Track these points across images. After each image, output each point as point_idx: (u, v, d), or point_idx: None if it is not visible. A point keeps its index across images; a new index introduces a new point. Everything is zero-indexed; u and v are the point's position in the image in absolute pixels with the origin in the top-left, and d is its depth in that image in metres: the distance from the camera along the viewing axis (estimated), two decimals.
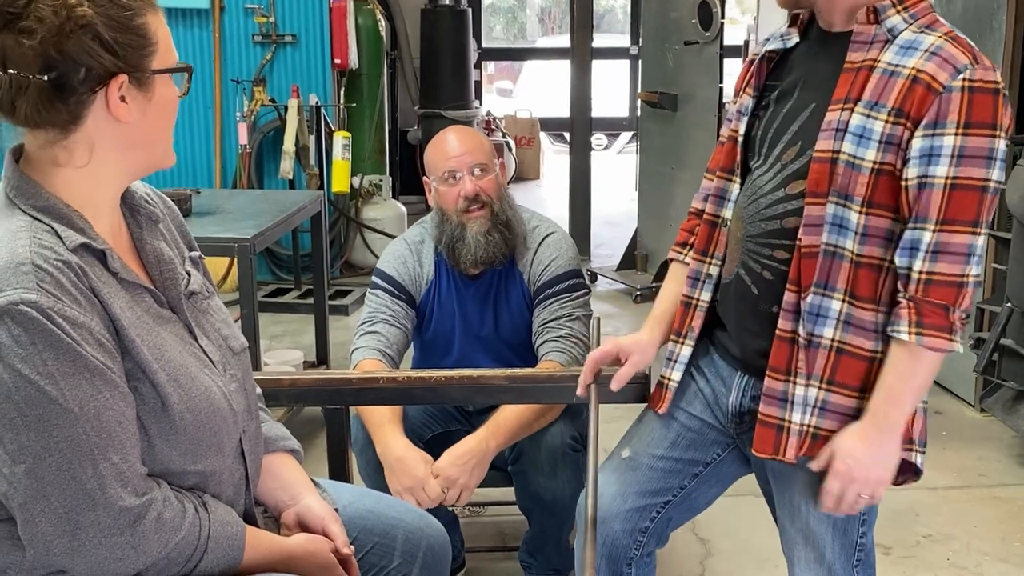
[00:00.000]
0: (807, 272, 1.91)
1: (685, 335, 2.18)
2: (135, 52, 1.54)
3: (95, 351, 1.50)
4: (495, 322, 2.88)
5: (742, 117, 2.09)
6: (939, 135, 1.79)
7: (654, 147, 6.58)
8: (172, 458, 1.60)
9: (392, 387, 2.39)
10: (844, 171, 1.86)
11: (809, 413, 1.95)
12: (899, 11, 1.88)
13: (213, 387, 1.66)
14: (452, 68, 8.47)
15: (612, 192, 9.64)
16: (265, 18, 6.42)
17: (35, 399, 1.45)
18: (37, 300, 1.45)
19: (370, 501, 2.06)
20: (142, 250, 1.69)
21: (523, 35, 20.34)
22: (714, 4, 5.73)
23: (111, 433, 1.50)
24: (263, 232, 3.75)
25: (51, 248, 1.51)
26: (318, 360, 4.63)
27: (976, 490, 3.87)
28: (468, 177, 2.77)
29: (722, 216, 2.12)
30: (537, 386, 2.42)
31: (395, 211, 7.06)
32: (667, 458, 2.21)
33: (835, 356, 1.92)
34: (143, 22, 1.55)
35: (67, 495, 1.48)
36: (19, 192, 1.56)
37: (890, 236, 1.87)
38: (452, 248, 2.78)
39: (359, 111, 6.99)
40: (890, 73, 1.84)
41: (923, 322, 1.82)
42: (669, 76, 6.27)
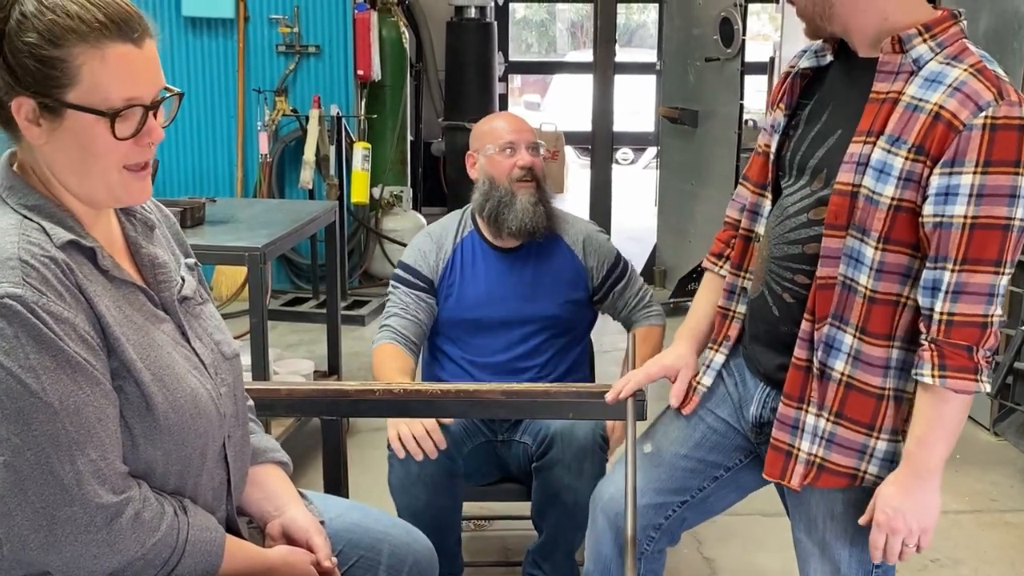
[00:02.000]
0: (822, 303, 1.91)
1: (720, 343, 2.21)
2: (40, 80, 1.51)
3: (78, 347, 1.51)
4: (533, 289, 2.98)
5: (774, 134, 2.07)
6: (956, 173, 1.75)
7: (674, 163, 6.57)
8: (155, 458, 1.61)
9: (388, 399, 2.38)
10: (864, 206, 1.84)
11: (817, 444, 1.95)
12: (926, 40, 1.83)
13: (200, 389, 1.67)
14: (477, 81, 8.46)
15: (635, 207, 9.62)
16: (289, 28, 6.45)
17: (16, 392, 1.46)
18: (22, 294, 1.47)
19: (357, 515, 2.06)
20: (137, 253, 1.71)
21: (553, 49, 20.34)
22: (736, 21, 5.72)
23: (90, 429, 1.51)
24: (274, 241, 3.75)
25: (39, 244, 1.52)
26: (329, 370, 4.63)
27: (987, 515, 3.83)
28: (525, 151, 2.96)
29: (755, 231, 2.12)
30: (534, 401, 2.41)
31: (415, 222, 7.06)
32: (690, 458, 2.22)
33: (844, 390, 1.92)
34: (59, 54, 1.50)
35: (44, 490, 1.49)
36: (11, 191, 1.59)
37: (908, 272, 1.85)
38: (496, 214, 2.91)
39: (381, 122, 7.01)
40: (913, 107, 1.80)
41: (946, 364, 1.79)
42: (690, 92, 6.26)
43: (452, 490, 2.81)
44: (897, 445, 1.93)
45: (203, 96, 6.54)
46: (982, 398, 4.33)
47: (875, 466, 1.94)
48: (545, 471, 2.80)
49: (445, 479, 2.77)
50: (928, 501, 1.87)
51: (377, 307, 6.28)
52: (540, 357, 2.98)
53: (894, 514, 1.86)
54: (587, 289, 3.03)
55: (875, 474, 1.94)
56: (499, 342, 2.97)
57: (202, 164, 6.60)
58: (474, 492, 3.02)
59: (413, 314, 2.93)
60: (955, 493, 3.93)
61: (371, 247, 6.93)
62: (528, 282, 2.99)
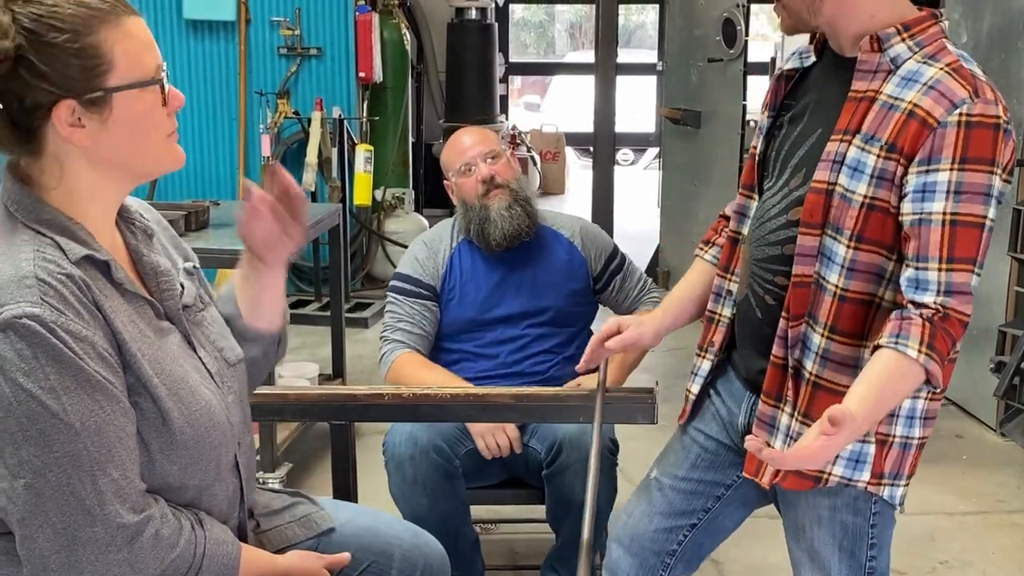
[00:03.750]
0: (797, 302, 1.89)
1: (706, 349, 2.18)
2: (80, 76, 1.50)
3: (97, 365, 1.49)
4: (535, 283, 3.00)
5: (760, 135, 2.06)
6: (933, 171, 1.73)
7: (677, 164, 6.57)
8: (171, 473, 1.60)
9: (398, 404, 2.37)
10: (838, 203, 1.82)
11: (787, 444, 1.93)
12: (904, 39, 1.82)
13: (213, 400, 1.66)
14: (477, 82, 8.46)
15: (636, 208, 9.60)
16: (290, 31, 6.45)
17: (36, 413, 1.45)
18: (40, 314, 1.45)
19: (368, 519, 2.05)
20: (139, 262, 1.69)
21: (552, 50, 20.34)
22: (738, 22, 5.72)
23: (111, 449, 1.50)
24: None
25: (55, 261, 1.51)
26: (334, 373, 4.61)
27: (994, 516, 3.82)
28: (482, 164, 2.97)
29: (742, 233, 2.10)
30: (544, 405, 2.40)
31: (417, 224, 7.05)
32: (688, 479, 2.21)
33: (811, 390, 1.89)
34: (91, 42, 1.50)
35: (66, 511, 1.47)
36: (20, 206, 1.56)
37: (881, 273, 1.82)
38: (481, 231, 2.95)
39: (383, 124, 7.00)
40: (889, 106, 1.79)
41: (934, 345, 1.73)
42: (693, 93, 6.26)
43: (453, 492, 2.80)
44: (864, 446, 1.89)
45: (204, 99, 6.53)
46: (989, 398, 4.32)
47: (840, 467, 1.90)
48: (557, 477, 2.79)
49: (443, 481, 2.76)
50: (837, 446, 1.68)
51: (380, 309, 6.26)
52: (546, 345, 2.99)
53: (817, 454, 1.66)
54: (588, 279, 3.06)
55: (840, 475, 1.91)
56: (506, 335, 2.98)
57: (203, 167, 6.59)
58: (482, 495, 3.01)
59: (419, 325, 2.95)
60: (962, 494, 3.92)
61: (373, 249, 6.92)
62: (529, 277, 3.01)
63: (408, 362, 2.89)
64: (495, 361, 2.98)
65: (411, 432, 2.76)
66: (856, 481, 1.91)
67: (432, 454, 2.73)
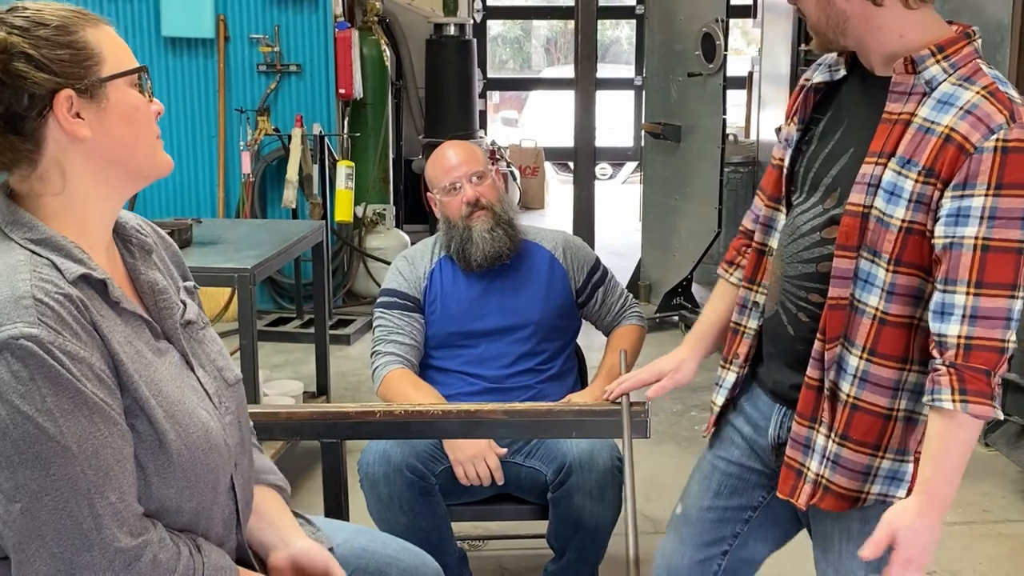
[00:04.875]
0: (833, 323, 1.89)
1: (731, 361, 2.18)
2: (74, 65, 1.53)
3: (95, 387, 1.48)
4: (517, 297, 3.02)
5: (787, 148, 2.06)
6: (968, 196, 1.73)
7: (658, 178, 6.59)
8: (168, 496, 1.58)
9: (389, 421, 2.37)
10: (875, 227, 1.83)
11: (824, 465, 1.94)
12: (939, 60, 1.81)
13: (211, 422, 1.64)
14: (457, 98, 8.47)
15: (616, 222, 9.62)
16: (270, 48, 6.44)
17: (33, 436, 1.43)
18: (38, 334, 1.43)
19: (365, 539, 2.04)
20: (136, 280, 1.68)
21: (528, 65, 20.39)
22: (717, 36, 5.74)
23: (109, 472, 1.48)
24: (263, 263, 3.73)
25: (52, 281, 1.49)
26: (318, 391, 4.60)
27: (981, 526, 3.84)
28: (467, 185, 2.99)
29: (769, 245, 2.11)
30: (536, 420, 2.40)
31: (398, 240, 7.04)
32: (714, 508, 2.21)
33: (849, 411, 1.90)
34: (77, 37, 1.54)
35: (63, 535, 1.45)
36: (14, 226, 1.55)
37: (920, 295, 1.83)
38: (462, 250, 2.97)
39: (363, 140, 7.00)
40: (925, 130, 1.78)
41: (967, 388, 1.73)
42: (673, 107, 6.28)
43: (431, 509, 2.80)
44: (903, 464, 1.91)
45: (184, 116, 6.51)
46: None
47: (878, 485, 1.93)
48: (565, 499, 2.79)
49: (420, 499, 2.76)
50: (937, 527, 1.82)
51: (362, 326, 6.26)
52: (531, 362, 3.00)
53: (922, 548, 1.79)
54: (571, 292, 3.08)
55: (878, 492, 1.93)
56: (489, 352, 2.99)
57: (184, 185, 6.56)
58: (472, 511, 3.00)
59: (410, 336, 2.97)
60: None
61: (355, 266, 6.91)
62: (511, 291, 3.03)
63: (399, 378, 2.89)
64: (481, 379, 2.98)
65: (385, 451, 2.76)
66: (893, 496, 1.92)
67: (406, 472, 2.74)
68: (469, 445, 2.77)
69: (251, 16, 6.48)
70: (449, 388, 2.95)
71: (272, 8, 6.45)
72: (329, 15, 6.47)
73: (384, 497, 2.75)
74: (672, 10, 6.26)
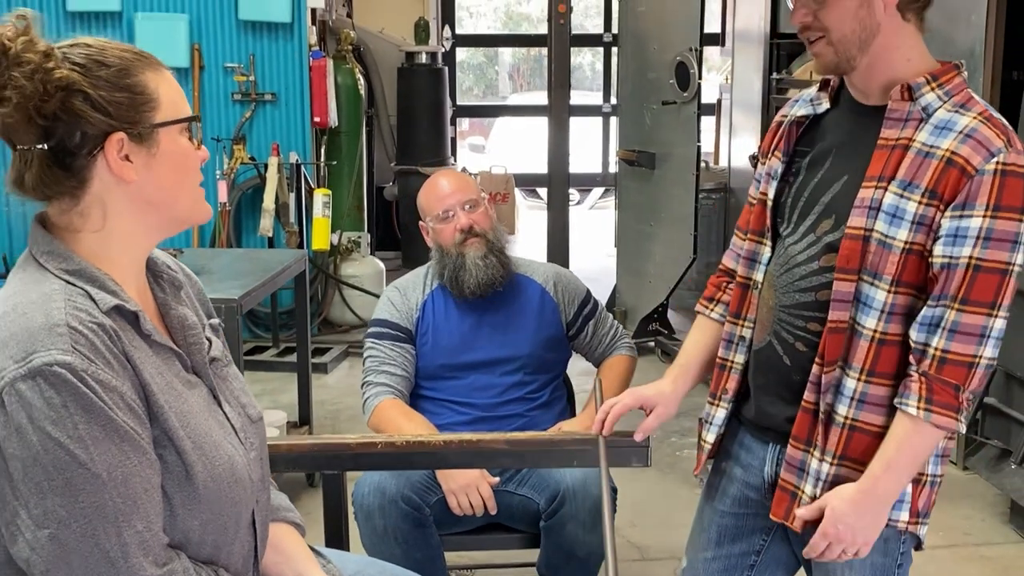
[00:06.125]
0: (832, 347, 1.92)
1: (720, 397, 2.19)
2: (130, 109, 1.54)
3: (126, 416, 1.49)
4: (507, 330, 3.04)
5: (771, 181, 2.08)
6: (967, 216, 1.80)
7: (632, 204, 6.63)
8: (192, 528, 1.59)
9: (391, 452, 2.37)
10: (876, 249, 1.87)
11: (820, 487, 1.96)
12: (933, 88, 1.87)
13: (236, 456, 1.65)
14: (429, 125, 8.51)
15: (587, 247, 9.66)
16: (244, 76, 6.43)
17: (64, 463, 1.43)
18: (71, 362, 1.44)
19: (375, 571, 2.05)
20: (167, 315, 1.69)
21: (493, 92, 20.45)
22: (691, 65, 5.80)
23: (137, 500, 1.49)
24: (249, 292, 3.73)
25: (86, 311, 1.50)
26: (300, 420, 4.58)
27: (962, 549, 3.88)
28: (461, 213, 3.02)
29: (753, 279, 2.12)
30: (538, 450, 2.42)
31: (374, 268, 7.04)
32: (717, 558, 2.23)
33: (848, 433, 1.93)
34: (137, 80, 1.55)
35: (89, 562, 1.46)
36: (50, 256, 1.56)
37: (912, 313, 1.87)
38: (455, 278, 2.99)
39: (338, 168, 7.00)
40: (924, 154, 1.84)
41: (932, 399, 1.81)
42: (647, 135, 6.33)
43: (425, 541, 2.80)
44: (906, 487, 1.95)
45: None
46: None
47: None
48: (558, 528, 2.80)
49: (414, 531, 2.77)
50: (878, 522, 1.91)
51: (339, 354, 6.24)
52: (521, 392, 3.01)
53: (844, 529, 1.89)
54: (562, 325, 3.10)
55: None
56: (479, 383, 3.00)
57: None
58: (464, 542, 3.00)
59: (401, 367, 2.98)
60: (930, 528, 3.96)
61: (330, 294, 6.90)
62: (502, 324, 3.04)
63: (390, 408, 2.89)
64: (471, 408, 2.99)
65: (379, 482, 2.76)
66: (897, 521, 1.95)
67: (401, 503, 2.74)
68: (461, 475, 2.78)
69: (226, 45, 6.47)
70: (440, 418, 2.95)
71: (247, 37, 6.45)
72: (304, 44, 6.48)
73: (379, 529, 2.75)
74: (645, 39, 6.32)
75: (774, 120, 2.17)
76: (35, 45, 1.51)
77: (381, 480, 2.76)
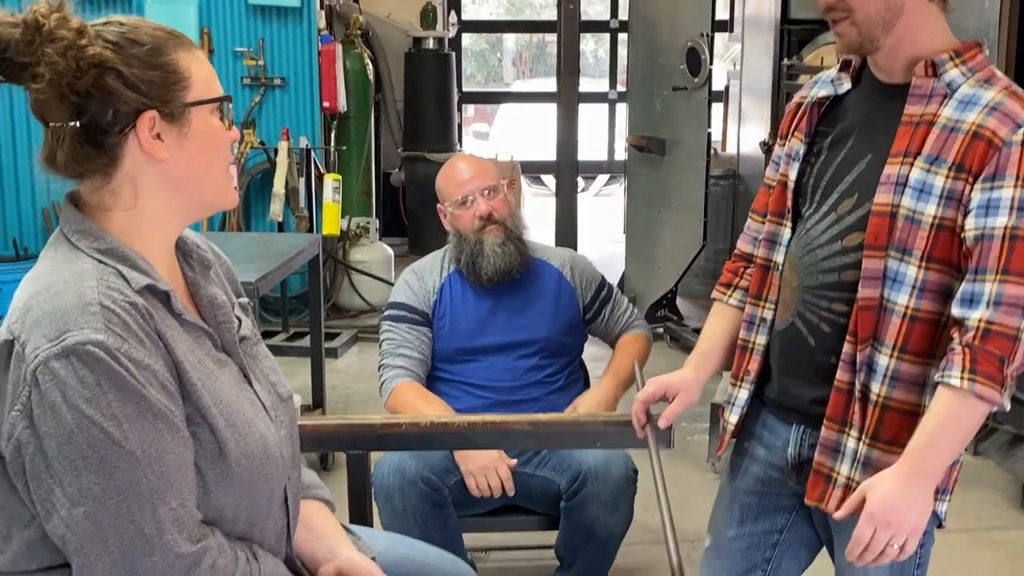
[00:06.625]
0: (864, 325, 1.91)
1: (742, 378, 2.18)
2: (162, 87, 1.55)
3: (159, 394, 1.49)
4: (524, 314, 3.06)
5: (792, 162, 2.08)
6: (998, 187, 1.79)
7: (641, 190, 6.63)
8: (226, 504, 1.60)
9: (415, 432, 2.38)
10: (903, 225, 1.86)
11: (855, 467, 1.95)
12: (957, 64, 1.87)
13: (268, 433, 1.66)
14: (436, 111, 8.50)
15: (594, 234, 9.66)
16: (254, 61, 6.43)
17: (98, 441, 1.44)
18: (104, 340, 1.45)
19: (404, 548, 2.05)
20: (196, 294, 1.70)
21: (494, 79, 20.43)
22: (702, 50, 5.79)
23: (171, 477, 1.49)
24: (265, 276, 3.73)
25: (118, 290, 1.51)
26: (314, 404, 4.59)
27: (975, 534, 3.89)
28: (480, 199, 3.02)
29: (774, 260, 2.11)
30: (561, 432, 2.42)
31: (382, 253, 7.05)
32: (740, 536, 2.22)
33: (880, 412, 1.92)
34: (169, 59, 1.56)
35: (125, 539, 1.47)
36: (82, 235, 1.56)
37: (949, 291, 1.86)
38: (472, 263, 3.00)
39: (347, 154, 7.00)
40: (950, 128, 1.84)
41: (977, 369, 1.77)
42: (657, 121, 6.32)
43: (444, 521, 2.81)
44: None
45: None
46: None
47: None
48: (578, 508, 2.81)
49: (433, 512, 2.78)
50: (924, 501, 1.83)
51: (348, 339, 6.25)
52: (538, 376, 3.03)
53: (890, 510, 1.80)
54: (578, 309, 3.11)
55: None
56: (496, 366, 3.01)
57: None
58: (482, 523, 3.01)
59: (418, 350, 2.99)
60: None
61: (339, 279, 6.90)
62: (519, 308, 3.05)
63: (408, 390, 2.91)
64: (489, 392, 3.00)
65: (399, 463, 2.78)
66: None
67: (420, 485, 2.75)
68: (480, 456, 2.79)
69: (235, 29, 6.47)
70: (457, 401, 2.96)
71: (256, 21, 6.46)
72: (313, 28, 6.48)
73: (399, 509, 2.76)
74: (656, 24, 6.31)
75: (792, 102, 2.17)
76: (68, 22, 1.51)
77: (401, 461, 2.77)
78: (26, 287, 1.54)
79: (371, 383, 5.34)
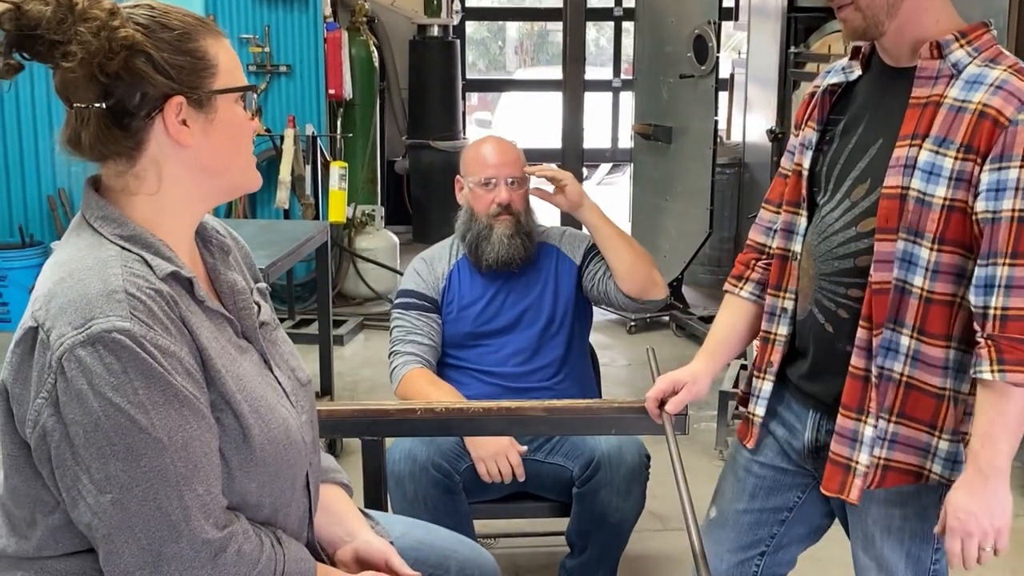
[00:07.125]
0: (879, 309, 1.92)
1: (765, 370, 2.18)
2: (191, 73, 1.55)
3: (184, 381, 1.49)
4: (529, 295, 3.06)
5: (806, 151, 2.09)
6: (1005, 168, 1.80)
7: (647, 179, 6.63)
8: (250, 490, 1.60)
9: (430, 418, 2.39)
10: (914, 207, 1.87)
11: (879, 447, 1.95)
12: (962, 45, 1.88)
13: (290, 418, 1.67)
14: (441, 99, 8.49)
15: None
16: (260, 48, 6.43)
17: (125, 428, 1.44)
18: (130, 328, 1.45)
19: (422, 532, 2.06)
20: (216, 280, 1.70)
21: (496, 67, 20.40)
22: (709, 38, 5.80)
23: (197, 464, 1.50)
24: (275, 263, 3.74)
25: (143, 277, 1.51)
26: (322, 391, 4.60)
27: None
28: (504, 187, 3.02)
29: (792, 250, 2.12)
30: (576, 418, 2.43)
31: (388, 241, 7.05)
32: (749, 511, 2.23)
33: (904, 391, 1.93)
34: (198, 45, 1.56)
35: (152, 526, 1.47)
36: (104, 221, 1.56)
37: (962, 273, 1.87)
38: (476, 244, 3.01)
39: (352, 141, 7.01)
40: (957, 109, 1.84)
41: (1004, 358, 1.79)
42: (663, 109, 6.32)
43: (454, 507, 2.82)
44: (958, 446, 1.94)
45: None
46: None
47: (939, 465, 1.94)
48: (591, 494, 2.82)
49: (444, 497, 2.79)
50: (998, 499, 1.85)
51: (354, 327, 6.26)
52: (547, 358, 3.04)
53: (966, 517, 1.84)
54: (577, 275, 3.11)
55: (939, 473, 1.94)
56: (505, 349, 3.03)
57: None
58: (481, 510, 3.00)
59: (428, 336, 3.00)
60: None
61: (344, 267, 6.91)
62: (523, 289, 3.06)
63: (418, 377, 2.92)
64: (497, 378, 3.01)
65: (410, 449, 2.78)
66: (953, 480, 1.93)
67: (431, 470, 2.76)
68: (491, 442, 2.80)
69: (241, 16, 6.47)
70: (467, 388, 2.97)
71: (262, 8, 6.45)
72: (319, 15, 6.48)
73: (410, 495, 2.77)
74: (663, 12, 6.31)
75: (807, 91, 2.18)
76: (101, 2, 1.51)
77: (412, 447, 2.78)
78: (49, 273, 1.54)
79: (377, 370, 5.36)
